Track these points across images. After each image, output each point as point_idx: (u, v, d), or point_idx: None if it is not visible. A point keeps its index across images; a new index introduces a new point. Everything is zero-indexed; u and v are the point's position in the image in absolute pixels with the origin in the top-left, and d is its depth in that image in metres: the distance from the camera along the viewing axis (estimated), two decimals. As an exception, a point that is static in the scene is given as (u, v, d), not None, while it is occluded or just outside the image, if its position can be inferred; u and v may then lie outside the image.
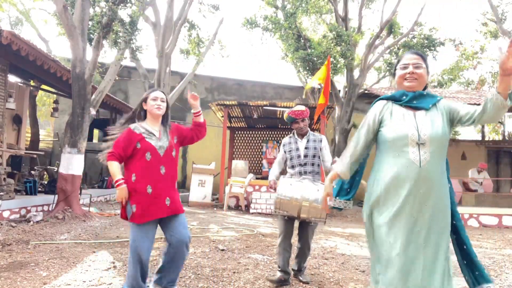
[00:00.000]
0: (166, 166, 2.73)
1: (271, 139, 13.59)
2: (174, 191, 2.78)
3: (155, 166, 2.69)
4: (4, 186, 6.75)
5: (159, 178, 2.69)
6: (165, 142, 2.77)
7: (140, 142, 2.71)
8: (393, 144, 2.11)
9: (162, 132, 2.83)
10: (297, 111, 3.78)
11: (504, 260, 4.95)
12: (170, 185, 2.75)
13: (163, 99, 2.86)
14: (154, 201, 2.66)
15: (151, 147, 2.70)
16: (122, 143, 2.70)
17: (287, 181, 3.54)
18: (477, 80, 20.17)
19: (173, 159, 2.79)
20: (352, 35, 12.62)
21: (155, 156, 2.70)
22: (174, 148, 2.81)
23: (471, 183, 10.31)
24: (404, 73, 2.22)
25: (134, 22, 8.34)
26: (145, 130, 2.77)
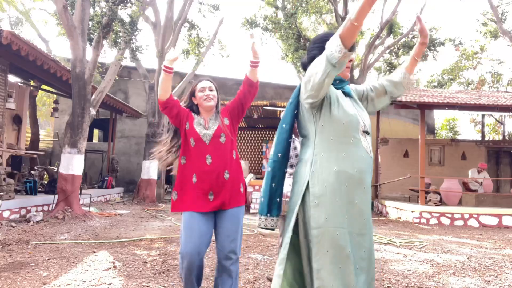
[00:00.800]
0: (212, 155, 2.43)
1: (271, 139, 13.60)
2: (223, 183, 2.43)
3: (200, 155, 2.44)
4: (4, 186, 6.75)
5: (205, 169, 2.41)
6: (211, 129, 2.48)
7: (190, 123, 2.51)
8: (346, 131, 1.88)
9: (211, 120, 2.55)
10: None
11: (504, 260, 4.95)
12: (217, 176, 2.41)
13: (211, 87, 2.57)
14: (197, 193, 2.43)
15: (195, 135, 2.46)
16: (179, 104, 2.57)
17: (288, 181, 3.53)
18: (477, 80, 20.18)
19: (222, 145, 2.46)
20: (352, 35, 12.62)
21: (199, 144, 2.46)
22: (223, 133, 2.49)
23: (471, 183, 10.31)
24: None
25: (134, 22, 8.35)
26: (198, 117, 2.56)
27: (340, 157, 1.86)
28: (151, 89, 11.49)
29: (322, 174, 1.85)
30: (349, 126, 1.87)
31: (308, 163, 1.90)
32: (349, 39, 1.66)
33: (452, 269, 4.35)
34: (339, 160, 1.85)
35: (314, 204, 1.83)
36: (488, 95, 11.60)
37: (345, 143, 1.87)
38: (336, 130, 1.88)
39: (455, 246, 5.90)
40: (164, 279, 3.58)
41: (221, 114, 2.59)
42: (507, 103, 9.58)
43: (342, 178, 1.83)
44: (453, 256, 5.08)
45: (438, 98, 10.07)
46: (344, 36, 1.65)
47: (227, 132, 2.51)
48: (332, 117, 1.88)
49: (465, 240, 6.65)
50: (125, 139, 15.91)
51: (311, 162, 1.89)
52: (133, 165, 15.38)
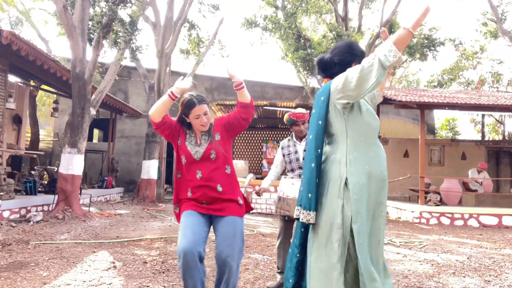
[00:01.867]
0: (202, 170, 2.48)
1: (271, 139, 13.61)
2: (215, 195, 2.48)
3: (191, 170, 2.51)
4: (4, 186, 6.75)
5: (197, 183, 2.49)
6: (202, 147, 2.51)
7: (182, 139, 2.55)
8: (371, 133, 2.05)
9: (203, 136, 2.55)
10: (298, 114, 3.73)
11: (504, 260, 4.95)
12: (209, 189, 2.47)
13: (206, 111, 2.46)
14: (193, 203, 2.52)
15: (187, 152, 2.51)
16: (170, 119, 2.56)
17: (289, 181, 3.53)
18: (477, 80, 20.18)
19: (211, 161, 2.49)
20: (352, 35, 12.62)
21: (190, 161, 2.51)
22: (213, 150, 2.50)
23: (471, 183, 10.31)
24: None
25: (134, 22, 8.35)
26: (190, 132, 2.57)
27: (370, 157, 2.03)
28: (151, 89, 11.49)
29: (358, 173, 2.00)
30: (375, 129, 2.06)
31: (343, 162, 2.03)
32: (403, 45, 1.92)
33: (452, 269, 4.35)
34: (370, 160, 2.02)
35: (354, 200, 1.97)
36: (488, 95, 11.60)
37: (373, 144, 2.06)
38: (366, 132, 2.05)
39: (455, 246, 5.90)
40: (164, 279, 3.58)
41: (213, 129, 2.56)
42: (507, 103, 9.58)
43: (372, 177, 2.00)
44: (453, 256, 5.08)
45: (438, 98, 10.07)
46: (398, 42, 1.90)
47: (218, 148, 2.52)
48: (363, 119, 2.03)
49: (465, 240, 6.65)
50: (125, 139, 15.91)
51: (345, 161, 2.03)
52: (133, 165, 15.38)
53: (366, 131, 2.04)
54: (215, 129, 2.57)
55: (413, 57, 14.38)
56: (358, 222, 1.96)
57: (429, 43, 13.80)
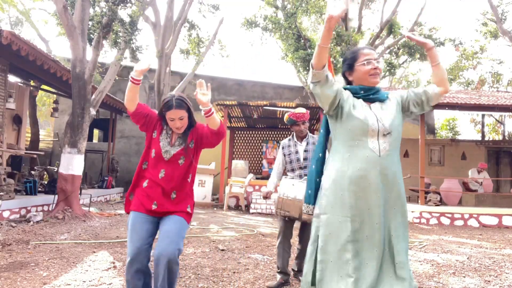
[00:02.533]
0: (166, 171, 2.47)
1: (271, 139, 13.60)
2: (167, 199, 2.48)
3: (156, 167, 2.50)
4: (4, 186, 6.75)
5: (156, 180, 2.47)
6: (174, 148, 2.49)
7: (157, 134, 2.53)
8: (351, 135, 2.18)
9: (179, 138, 2.52)
10: (298, 113, 3.71)
11: (504, 260, 4.95)
12: (165, 191, 2.47)
13: (182, 117, 2.42)
14: (144, 197, 2.49)
15: (157, 148, 2.49)
16: (148, 110, 2.54)
17: (289, 182, 3.52)
18: (477, 80, 20.18)
19: (178, 167, 2.48)
20: (352, 35, 12.62)
21: (158, 157, 2.49)
22: (183, 156, 2.49)
23: (471, 183, 10.31)
24: (369, 69, 2.24)
25: (134, 22, 8.34)
26: (167, 128, 2.54)
27: (344, 158, 2.18)
28: (151, 89, 11.50)
29: (329, 171, 2.24)
30: (354, 131, 2.16)
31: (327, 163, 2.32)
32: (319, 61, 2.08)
33: (452, 269, 4.35)
34: (343, 160, 2.18)
35: (321, 195, 2.26)
36: (488, 95, 11.60)
37: (349, 146, 2.18)
38: (343, 135, 2.22)
39: (455, 246, 5.90)
40: (164, 279, 3.58)
41: (190, 134, 2.53)
42: (507, 103, 9.58)
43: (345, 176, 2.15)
44: (453, 256, 5.08)
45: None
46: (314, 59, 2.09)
47: (189, 156, 2.51)
48: (342, 124, 2.22)
49: (465, 240, 6.65)
50: (125, 139, 15.91)
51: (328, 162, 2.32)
52: (133, 165, 15.38)
53: (343, 135, 2.22)
54: (191, 135, 2.54)
55: (413, 57, 14.38)
56: (326, 214, 2.18)
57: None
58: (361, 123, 2.14)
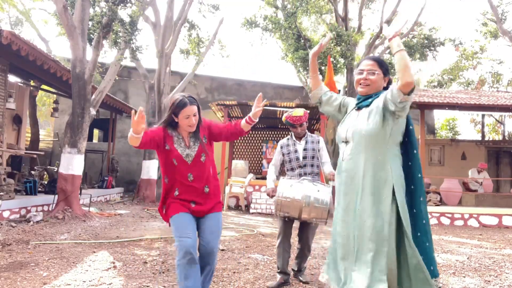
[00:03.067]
0: (194, 174, 2.60)
1: (271, 139, 13.59)
2: (202, 195, 2.62)
3: (182, 172, 2.59)
4: (4, 186, 6.75)
5: (187, 186, 2.59)
6: (193, 150, 2.61)
7: (170, 145, 2.60)
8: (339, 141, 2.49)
9: (191, 138, 2.63)
10: (294, 117, 3.67)
11: (504, 260, 4.95)
12: (198, 191, 2.60)
13: (196, 113, 2.54)
14: (180, 203, 2.61)
15: (177, 155, 2.58)
16: (151, 133, 2.55)
17: (288, 182, 3.52)
18: (477, 80, 20.17)
19: (202, 164, 2.62)
20: (352, 35, 12.62)
21: (181, 164, 2.59)
22: (203, 153, 2.62)
23: (471, 183, 10.31)
24: (358, 78, 2.38)
25: (134, 22, 8.34)
26: (176, 134, 2.63)
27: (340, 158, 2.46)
28: (151, 89, 11.48)
29: None
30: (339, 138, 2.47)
31: None
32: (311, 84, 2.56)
33: (452, 269, 4.35)
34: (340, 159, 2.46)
35: None
36: (488, 95, 11.60)
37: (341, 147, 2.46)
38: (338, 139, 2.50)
39: (455, 246, 5.90)
40: (164, 279, 3.58)
41: (200, 132, 2.64)
42: (507, 103, 9.58)
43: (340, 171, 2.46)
44: (453, 256, 5.08)
45: (438, 98, 10.07)
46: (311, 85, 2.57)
47: (207, 151, 2.65)
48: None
49: (465, 240, 6.65)
50: (125, 139, 15.88)
51: None
52: (133, 165, 15.38)
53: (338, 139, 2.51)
54: (202, 132, 2.65)
55: (413, 57, 14.38)
56: None
57: (429, 43, 13.80)
58: (340, 132, 2.45)
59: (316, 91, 2.57)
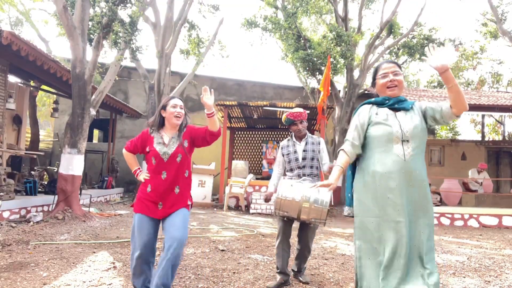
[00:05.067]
0: (167, 172, 2.79)
1: (271, 139, 13.59)
2: (172, 196, 2.81)
3: (158, 170, 2.80)
4: (4, 186, 6.75)
5: (159, 182, 2.79)
6: (171, 149, 2.81)
7: (150, 146, 2.85)
8: (379, 141, 2.36)
9: (173, 138, 2.86)
10: (295, 113, 3.72)
11: (504, 260, 4.95)
12: (168, 189, 2.79)
13: (182, 106, 2.87)
14: (148, 201, 2.81)
15: (155, 153, 2.81)
16: (135, 140, 2.97)
17: (288, 182, 3.51)
18: (477, 80, 20.17)
19: (178, 164, 2.81)
20: (352, 36, 12.62)
21: (158, 161, 2.81)
22: (180, 154, 2.82)
23: (471, 184, 10.31)
24: (385, 82, 2.42)
25: (134, 23, 8.34)
26: (158, 136, 2.88)
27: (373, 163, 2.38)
28: (151, 89, 11.48)
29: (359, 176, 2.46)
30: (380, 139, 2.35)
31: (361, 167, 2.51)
32: None
33: (452, 269, 4.35)
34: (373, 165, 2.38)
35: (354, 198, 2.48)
36: (488, 95, 11.60)
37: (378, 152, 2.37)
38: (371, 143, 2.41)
39: (455, 247, 5.90)
40: (164, 279, 3.58)
41: (183, 136, 2.88)
42: (507, 103, 9.58)
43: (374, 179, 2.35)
44: (453, 257, 5.08)
45: (438, 98, 10.07)
46: None
47: (185, 153, 2.86)
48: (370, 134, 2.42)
49: (465, 240, 6.65)
50: (125, 139, 15.89)
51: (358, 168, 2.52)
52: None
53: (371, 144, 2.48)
54: (185, 136, 2.89)
55: (413, 57, 14.38)
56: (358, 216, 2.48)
57: (429, 44, 13.78)
58: (386, 131, 2.33)
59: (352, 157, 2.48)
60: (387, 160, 2.31)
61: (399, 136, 2.30)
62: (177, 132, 2.88)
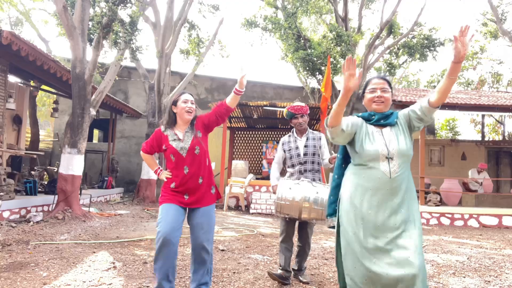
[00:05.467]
0: (189, 166, 2.84)
1: (271, 139, 13.59)
2: (197, 186, 2.86)
3: (179, 166, 2.85)
4: (4, 186, 6.75)
5: (183, 178, 2.83)
6: (187, 143, 2.85)
7: (166, 144, 2.89)
8: (364, 159, 2.35)
9: (187, 132, 2.90)
10: (296, 106, 3.74)
11: (504, 260, 4.95)
12: (193, 182, 2.84)
13: (193, 101, 2.91)
14: (173, 195, 2.85)
15: (173, 150, 2.85)
16: (150, 141, 3.00)
17: (286, 185, 3.51)
18: (477, 80, 20.17)
19: (197, 157, 2.86)
20: (352, 35, 12.62)
21: (178, 158, 2.85)
22: (197, 146, 2.86)
23: (471, 184, 10.31)
24: (372, 97, 2.44)
25: (134, 22, 8.34)
26: (171, 133, 2.91)
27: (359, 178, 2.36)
28: (151, 89, 11.48)
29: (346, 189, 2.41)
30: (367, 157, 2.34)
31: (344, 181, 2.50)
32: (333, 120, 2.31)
33: (452, 269, 4.35)
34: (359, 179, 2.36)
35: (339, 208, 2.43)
36: (488, 95, 11.60)
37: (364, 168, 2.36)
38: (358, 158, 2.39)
39: (455, 247, 5.90)
40: (164, 279, 3.58)
41: (195, 127, 2.93)
42: (507, 103, 9.58)
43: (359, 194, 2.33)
44: (453, 257, 5.08)
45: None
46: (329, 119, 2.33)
47: (201, 144, 2.90)
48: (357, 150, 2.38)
49: (465, 240, 6.65)
50: (125, 139, 15.90)
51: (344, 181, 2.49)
52: (133, 165, 15.38)
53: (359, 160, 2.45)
54: (197, 127, 2.93)
55: (413, 57, 14.38)
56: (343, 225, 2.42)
57: (429, 43, 13.80)
58: (373, 150, 2.33)
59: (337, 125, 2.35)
60: (372, 177, 2.32)
61: (385, 154, 2.32)
62: (190, 125, 2.92)
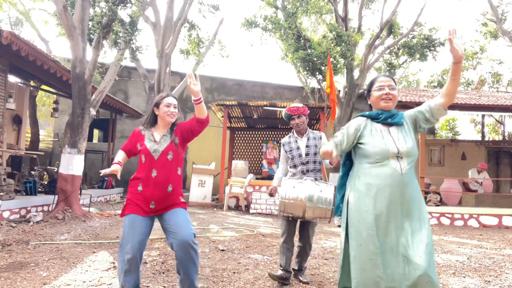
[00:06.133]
0: (158, 170, 2.70)
1: (271, 139, 13.59)
2: (164, 194, 2.70)
3: (148, 168, 2.72)
4: (4, 186, 6.75)
5: (150, 181, 2.69)
6: (161, 146, 2.74)
7: (141, 143, 2.79)
8: (374, 157, 2.36)
9: (165, 136, 2.79)
10: (292, 107, 3.75)
11: (504, 260, 4.95)
12: (160, 188, 2.69)
13: (176, 105, 2.81)
14: (140, 201, 2.70)
15: (146, 151, 2.74)
16: (128, 140, 2.92)
17: (290, 183, 3.51)
18: (477, 80, 20.17)
19: (168, 162, 2.73)
20: (352, 35, 12.62)
21: (149, 159, 2.73)
22: (171, 151, 2.74)
23: (471, 183, 10.31)
24: (381, 94, 2.45)
25: (134, 22, 8.34)
26: (149, 133, 2.81)
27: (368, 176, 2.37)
28: (151, 89, 11.48)
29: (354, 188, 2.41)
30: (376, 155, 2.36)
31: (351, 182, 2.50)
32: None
33: (452, 269, 4.35)
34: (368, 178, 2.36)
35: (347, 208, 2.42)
36: (488, 95, 11.60)
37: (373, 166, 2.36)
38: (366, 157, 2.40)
39: (455, 246, 5.90)
40: (164, 279, 3.58)
41: (174, 133, 2.81)
42: (507, 103, 9.58)
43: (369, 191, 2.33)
44: (453, 256, 5.08)
45: (438, 98, 10.04)
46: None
47: (176, 150, 2.77)
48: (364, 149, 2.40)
49: (465, 240, 6.65)
50: (125, 139, 15.90)
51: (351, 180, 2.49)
52: (133, 165, 15.25)
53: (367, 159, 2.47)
54: (176, 133, 2.82)
55: (413, 57, 14.38)
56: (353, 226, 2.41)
57: (429, 44, 13.80)
58: (382, 149, 2.35)
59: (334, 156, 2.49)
60: (383, 174, 2.33)
61: (395, 152, 2.34)
62: (169, 129, 2.83)
